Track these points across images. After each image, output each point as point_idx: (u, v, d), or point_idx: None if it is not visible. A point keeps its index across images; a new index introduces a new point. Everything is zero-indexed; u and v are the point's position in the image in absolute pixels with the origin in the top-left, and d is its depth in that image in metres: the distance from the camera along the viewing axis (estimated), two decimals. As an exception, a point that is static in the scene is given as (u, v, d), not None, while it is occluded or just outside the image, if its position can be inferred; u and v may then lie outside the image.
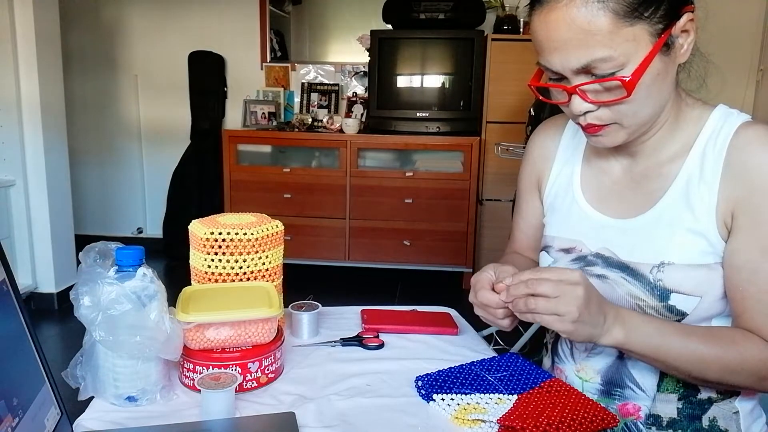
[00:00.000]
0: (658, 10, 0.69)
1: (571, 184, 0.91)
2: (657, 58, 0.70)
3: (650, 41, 0.69)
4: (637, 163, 0.84)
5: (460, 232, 3.36)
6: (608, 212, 0.85)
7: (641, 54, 0.69)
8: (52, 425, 0.66)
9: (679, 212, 0.78)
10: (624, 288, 0.81)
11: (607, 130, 0.76)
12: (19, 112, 2.85)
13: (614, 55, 0.68)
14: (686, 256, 0.77)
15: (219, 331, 0.83)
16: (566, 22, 0.68)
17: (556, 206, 0.92)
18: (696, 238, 0.76)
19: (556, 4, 0.68)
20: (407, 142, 3.34)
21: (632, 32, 0.68)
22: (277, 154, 3.60)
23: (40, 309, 2.97)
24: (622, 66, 0.69)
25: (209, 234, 0.93)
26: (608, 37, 0.67)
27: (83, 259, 0.78)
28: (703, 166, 0.77)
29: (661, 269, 0.77)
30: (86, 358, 0.79)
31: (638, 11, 0.67)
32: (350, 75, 3.79)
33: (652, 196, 0.81)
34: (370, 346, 0.99)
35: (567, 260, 0.88)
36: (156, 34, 3.89)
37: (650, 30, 0.69)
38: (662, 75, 0.72)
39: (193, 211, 3.69)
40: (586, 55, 0.69)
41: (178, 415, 0.77)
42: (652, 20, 0.68)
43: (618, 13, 0.67)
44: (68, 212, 3.14)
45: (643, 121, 0.76)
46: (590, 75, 0.71)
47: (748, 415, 0.84)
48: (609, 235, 0.84)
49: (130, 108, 3.98)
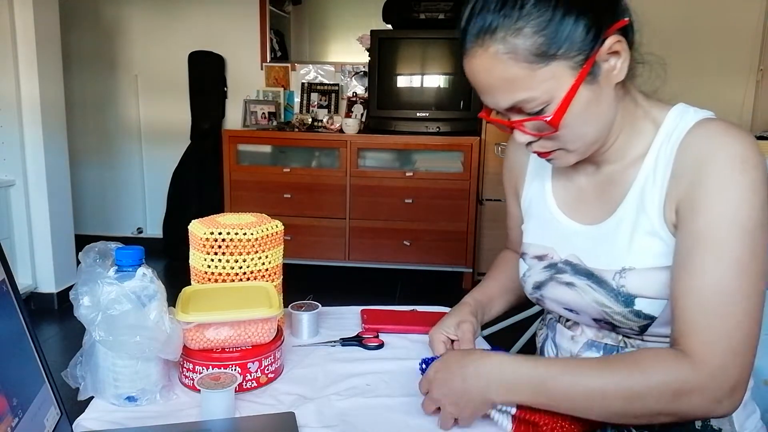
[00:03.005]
0: (573, 45, 0.68)
1: (543, 191, 0.92)
2: (584, 88, 0.71)
3: (572, 75, 0.70)
4: (602, 169, 0.84)
5: (460, 232, 3.36)
6: (578, 219, 0.86)
7: (564, 89, 0.70)
8: (51, 425, 0.66)
9: (636, 216, 0.77)
10: (590, 295, 0.81)
11: (555, 155, 0.78)
12: (19, 112, 2.85)
13: (536, 95, 0.70)
14: (646, 260, 0.76)
15: (219, 331, 0.83)
16: (486, 69, 0.71)
17: (532, 213, 0.94)
18: (653, 240, 0.76)
19: (475, 53, 0.71)
20: (407, 142, 3.34)
21: (549, 71, 0.69)
22: (277, 154, 3.60)
23: (40, 309, 2.97)
24: (548, 102, 0.71)
25: (209, 234, 0.93)
26: (526, 81, 0.69)
27: (83, 259, 0.78)
28: (657, 167, 0.76)
29: (623, 275, 0.77)
30: (86, 358, 0.79)
31: (549, 53, 0.68)
32: (350, 75, 3.79)
33: (614, 202, 0.80)
34: (370, 346, 0.99)
35: (540, 267, 0.89)
36: (156, 34, 3.89)
37: (570, 64, 0.69)
38: (594, 101, 0.73)
39: (193, 211, 3.68)
40: (510, 98, 0.71)
41: (178, 415, 0.77)
42: (568, 55, 0.69)
43: (528, 60, 0.68)
44: (68, 212, 3.14)
45: (590, 142, 0.77)
46: (522, 112, 0.73)
47: (740, 412, 0.82)
48: (577, 242, 0.84)
49: (130, 108, 3.98)
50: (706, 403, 0.66)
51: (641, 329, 0.78)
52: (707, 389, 0.66)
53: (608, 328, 0.82)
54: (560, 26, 0.68)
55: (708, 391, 0.66)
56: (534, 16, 0.67)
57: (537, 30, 0.67)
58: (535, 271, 0.89)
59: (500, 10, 0.68)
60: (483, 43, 0.70)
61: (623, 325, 0.79)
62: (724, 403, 0.66)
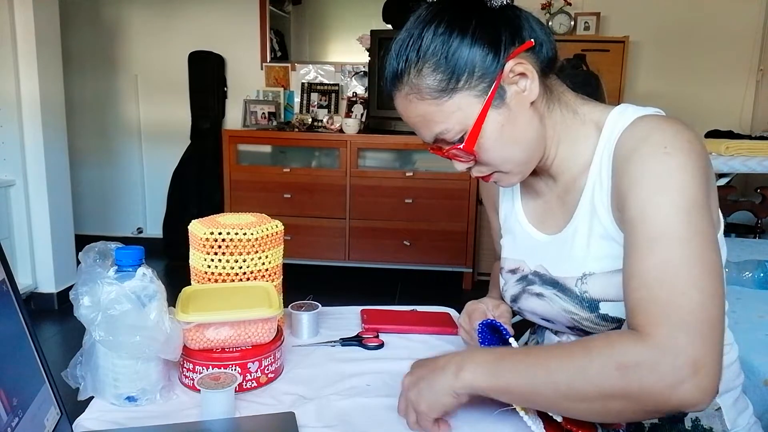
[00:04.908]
0: (473, 75, 0.72)
1: (513, 206, 0.93)
2: (494, 113, 0.73)
3: (479, 102, 0.73)
4: (558, 181, 0.84)
5: (460, 232, 3.36)
6: (544, 230, 0.87)
7: (473, 117, 0.73)
8: (51, 425, 0.66)
9: (590, 221, 0.78)
10: (558, 304, 0.82)
11: (496, 177, 0.80)
12: (19, 112, 2.85)
13: (449, 127, 0.74)
14: (604, 263, 0.76)
15: (219, 331, 0.83)
16: (403, 109, 0.77)
17: (507, 228, 0.95)
18: (608, 243, 0.76)
19: (394, 96, 0.78)
20: (407, 142, 3.34)
21: (455, 103, 0.73)
22: (277, 154, 3.60)
23: (40, 309, 2.97)
24: (464, 131, 0.74)
25: (209, 234, 0.93)
26: (437, 115, 0.74)
27: (83, 259, 0.78)
28: (601, 170, 0.76)
29: (584, 281, 0.78)
30: (86, 358, 0.79)
31: (449, 87, 0.72)
32: (350, 75, 3.79)
33: (570, 210, 0.81)
34: (370, 346, 0.99)
35: (513, 280, 0.91)
36: (156, 34, 3.89)
37: (473, 93, 0.72)
38: (508, 123, 0.74)
39: (193, 211, 3.68)
40: (430, 132, 0.76)
41: (178, 415, 0.77)
42: (470, 85, 0.72)
43: (432, 96, 0.73)
44: (68, 212, 3.14)
45: (521, 162, 0.78)
46: (448, 142, 0.76)
47: (731, 409, 0.83)
48: (544, 253, 0.86)
49: (130, 108, 3.98)
50: (663, 384, 0.59)
51: None
52: (658, 364, 0.59)
53: (583, 334, 0.82)
54: (457, 60, 0.71)
55: (660, 367, 0.59)
56: (430, 54, 0.72)
57: (435, 67, 0.72)
58: (510, 285, 0.91)
59: (403, 55, 0.74)
60: (395, 87, 0.76)
61: (594, 330, 0.79)
62: (687, 384, 0.58)
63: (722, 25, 3.51)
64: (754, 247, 2.26)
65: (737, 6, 3.48)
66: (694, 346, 0.59)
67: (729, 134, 2.91)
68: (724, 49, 3.53)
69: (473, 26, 0.72)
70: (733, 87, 3.55)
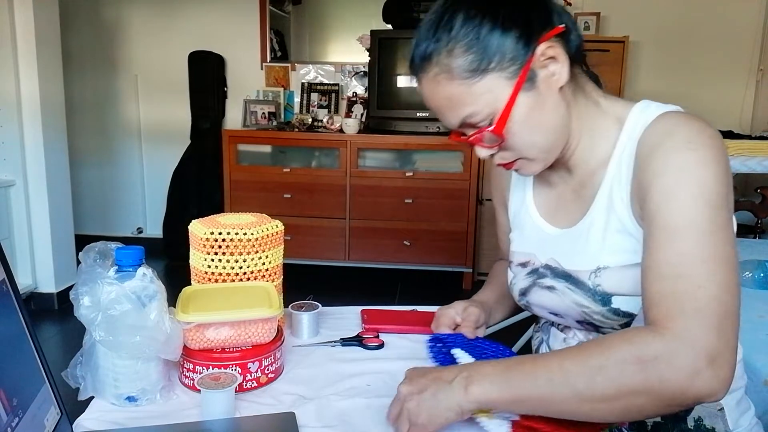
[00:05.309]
0: (505, 57, 0.71)
1: (524, 199, 0.93)
2: (524, 96, 0.73)
3: (509, 85, 0.72)
4: (574, 173, 0.85)
5: (460, 232, 3.36)
6: (556, 223, 0.87)
7: (503, 99, 0.73)
8: (51, 425, 0.66)
9: (606, 215, 0.78)
10: (569, 297, 0.82)
11: (518, 165, 0.80)
12: (19, 112, 2.85)
13: (478, 109, 0.73)
14: (619, 257, 0.77)
15: (219, 331, 0.83)
16: (430, 91, 0.76)
17: (517, 222, 0.95)
18: (625, 237, 0.76)
19: (420, 79, 0.77)
20: (407, 142, 3.34)
21: (485, 85, 0.72)
22: (277, 154, 3.60)
23: (40, 309, 2.97)
24: (492, 114, 0.73)
25: (209, 234, 0.93)
26: (466, 97, 0.73)
27: (83, 259, 0.78)
28: (621, 165, 0.77)
29: (598, 274, 0.78)
30: (86, 358, 0.79)
31: (480, 68, 0.71)
32: (350, 75, 3.79)
33: (586, 204, 0.82)
34: (370, 346, 0.99)
35: (523, 274, 0.91)
36: (156, 34, 3.89)
37: (504, 75, 0.72)
38: (537, 107, 0.74)
39: (193, 211, 3.68)
40: (456, 115, 0.75)
41: (178, 415, 0.77)
42: (501, 67, 0.72)
43: (463, 77, 0.72)
44: (68, 212, 3.14)
45: (547, 149, 0.78)
46: (474, 127, 0.76)
47: (734, 409, 0.83)
48: (556, 246, 0.86)
49: (130, 108, 3.98)
50: (680, 375, 0.59)
51: (622, 327, 0.78)
52: (675, 356, 0.60)
53: (591, 329, 0.83)
54: (489, 41, 0.71)
55: (677, 359, 0.60)
56: (462, 35, 0.71)
57: (467, 48, 0.71)
58: (519, 278, 0.91)
59: (433, 36, 0.73)
60: (423, 69, 0.75)
61: (604, 324, 0.80)
62: (704, 374, 0.59)
63: (722, 25, 3.51)
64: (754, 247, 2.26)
65: (737, 6, 3.48)
66: (709, 338, 0.60)
67: (729, 134, 2.90)
68: (724, 49, 3.53)
69: (506, 9, 0.72)
70: (733, 87, 3.55)
